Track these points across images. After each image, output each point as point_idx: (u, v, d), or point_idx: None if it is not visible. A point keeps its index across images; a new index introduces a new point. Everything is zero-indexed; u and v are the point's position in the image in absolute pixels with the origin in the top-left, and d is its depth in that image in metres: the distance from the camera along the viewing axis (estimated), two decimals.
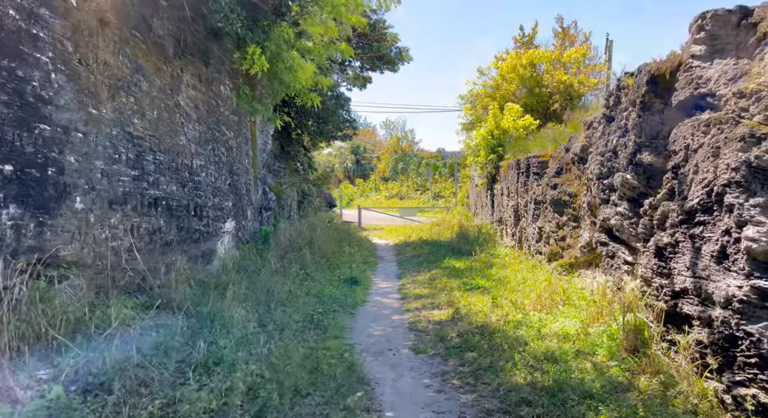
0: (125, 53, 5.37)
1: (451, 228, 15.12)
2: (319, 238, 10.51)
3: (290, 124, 16.04)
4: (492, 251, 11.29)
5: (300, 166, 16.22)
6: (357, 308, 7.15)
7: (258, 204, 10.03)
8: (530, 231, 9.63)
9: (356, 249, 11.68)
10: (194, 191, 6.95)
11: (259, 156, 10.08)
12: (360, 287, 8.41)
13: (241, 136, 8.90)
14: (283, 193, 13.98)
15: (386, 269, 11.05)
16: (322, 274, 8.41)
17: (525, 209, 10.10)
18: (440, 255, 11.56)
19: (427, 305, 7.21)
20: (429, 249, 12.73)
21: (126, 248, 5.38)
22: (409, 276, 9.76)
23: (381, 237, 17.85)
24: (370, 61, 14.46)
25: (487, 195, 14.46)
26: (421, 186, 40.93)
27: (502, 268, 9.30)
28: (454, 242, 12.69)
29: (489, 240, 12.30)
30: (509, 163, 11.68)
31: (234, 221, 8.49)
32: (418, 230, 17.48)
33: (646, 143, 5.06)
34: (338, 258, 9.96)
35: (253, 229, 9.55)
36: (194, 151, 6.97)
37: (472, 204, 18.57)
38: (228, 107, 8.29)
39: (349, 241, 12.57)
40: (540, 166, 9.30)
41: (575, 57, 24.26)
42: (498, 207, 13.13)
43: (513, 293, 7.08)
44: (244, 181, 9.00)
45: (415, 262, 11.45)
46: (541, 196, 8.95)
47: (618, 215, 5.59)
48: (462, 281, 8.37)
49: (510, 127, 13.59)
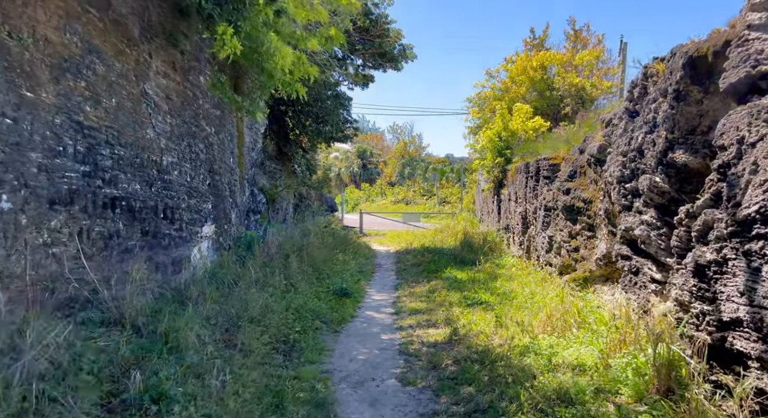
0: (74, 30, 4.67)
1: (455, 235, 14.30)
2: (310, 244, 9.76)
3: (288, 123, 15.37)
4: (498, 261, 10.46)
5: (298, 168, 15.51)
6: (343, 325, 6.36)
7: (245, 207, 9.30)
8: (539, 240, 8.81)
9: (351, 257, 10.90)
10: (164, 191, 6.22)
11: (246, 155, 9.37)
12: (350, 299, 7.63)
13: (224, 133, 8.18)
14: (277, 196, 13.27)
15: (383, 278, 10.26)
16: (309, 285, 7.63)
17: (534, 215, 9.28)
18: (442, 264, 10.75)
19: (423, 323, 6.40)
20: (431, 257, 11.92)
21: (72, 255, 4.66)
22: (406, 287, 8.96)
23: (382, 243, 17.06)
24: (372, 59, 13.74)
25: (494, 201, 13.64)
26: (428, 191, 40.15)
27: (508, 280, 8.48)
28: (458, 250, 11.87)
29: (495, 249, 11.47)
30: (517, 166, 10.88)
31: (214, 224, 7.76)
32: (420, 236, 16.68)
33: (679, 140, 4.25)
34: (330, 267, 9.19)
35: (238, 234, 8.82)
36: (164, 146, 6.25)
37: (478, 210, 17.74)
38: (209, 100, 7.59)
39: (345, 247, 11.80)
40: (551, 169, 8.49)
41: (588, 59, 23.48)
42: (505, 213, 12.31)
43: (519, 311, 6.26)
44: (227, 182, 8.27)
45: (415, 271, 10.65)
46: (552, 202, 8.14)
47: (644, 225, 4.77)
48: (463, 295, 7.55)
49: (519, 128, 12.78)
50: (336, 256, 10.11)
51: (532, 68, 23.96)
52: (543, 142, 11.28)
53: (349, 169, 50.58)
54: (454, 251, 12.11)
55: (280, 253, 8.66)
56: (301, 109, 14.18)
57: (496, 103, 25.09)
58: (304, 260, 8.60)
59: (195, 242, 7.12)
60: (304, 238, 10.16)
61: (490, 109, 25.06)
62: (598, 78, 22.64)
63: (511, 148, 12.43)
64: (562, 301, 5.70)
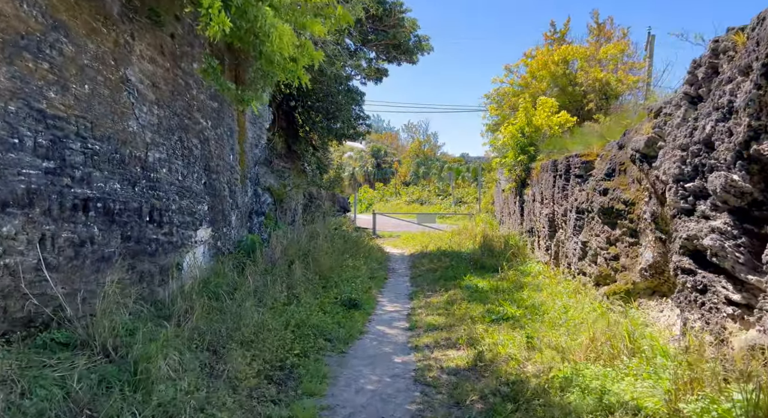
0: (34, 3, 3.98)
1: (474, 238, 13.45)
2: (318, 249, 9.01)
3: (297, 120, 14.69)
4: (522, 268, 9.59)
5: (308, 167, 14.82)
6: (350, 343, 5.60)
7: (247, 208, 8.60)
8: (570, 246, 7.93)
9: (362, 261, 10.13)
10: (149, 191, 5.53)
11: (249, 152, 8.67)
12: (360, 311, 6.86)
13: (223, 127, 7.48)
14: (286, 196, 12.58)
15: (396, 285, 9.47)
16: (314, 295, 6.89)
17: (563, 218, 8.40)
18: (461, 270, 9.92)
19: (441, 342, 5.60)
20: (448, 262, 11.10)
21: (31, 265, 3.97)
22: (422, 297, 8.17)
23: (396, 246, 16.28)
24: (386, 50, 12.96)
25: (516, 201, 12.75)
26: (443, 191, 39.24)
27: (535, 290, 7.62)
28: (477, 254, 11.02)
29: (518, 254, 10.59)
30: (543, 164, 9.99)
31: (211, 228, 7.06)
32: (436, 238, 15.85)
33: (767, 128, 3.38)
34: (339, 273, 8.43)
35: (239, 237, 8.12)
36: (150, 140, 5.55)
37: (498, 211, 16.80)
38: (204, 91, 6.89)
39: (356, 251, 11.03)
40: (584, 167, 7.61)
41: (612, 53, 22.42)
42: (528, 215, 11.42)
43: (553, 331, 5.42)
44: (226, 181, 7.57)
45: (431, 277, 9.84)
46: (585, 203, 7.26)
47: (715, 233, 3.90)
48: (486, 308, 6.73)
49: (543, 124, 11.87)
50: (346, 261, 9.35)
51: (553, 62, 22.99)
52: (571, 138, 10.37)
53: (363, 169, 49.95)
54: (473, 255, 11.26)
55: (284, 258, 7.94)
56: (311, 105, 13.49)
57: (515, 100, 24.19)
58: (310, 266, 7.85)
59: (188, 247, 6.43)
60: (311, 241, 9.43)
61: (509, 106, 24.13)
62: (623, 72, 21.56)
63: (536, 145, 11.54)
64: (608, 323, 4.83)
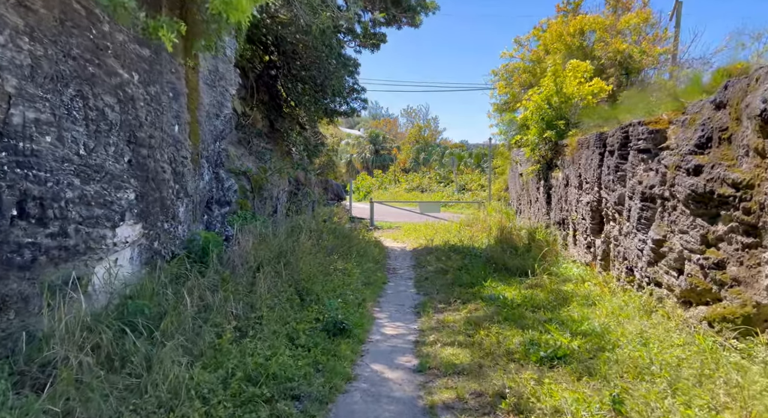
0: None
1: (488, 230, 11.47)
2: (300, 247, 7.04)
3: (280, 92, 12.60)
4: (556, 270, 7.63)
5: (294, 149, 12.76)
6: (330, 402, 3.64)
7: (203, 196, 6.60)
8: (632, 244, 5.95)
9: (356, 262, 8.16)
10: (16, 171, 3.53)
11: (205, 123, 6.63)
12: (349, 340, 4.90)
13: (160, 85, 5.43)
14: (266, 182, 10.56)
15: (398, 294, 7.52)
16: (283, 317, 4.91)
17: (617, 208, 6.41)
18: (478, 272, 7.97)
19: (469, 401, 3.65)
20: (460, 260, 9.15)
21: None
22: (432, 312, 6.22)
23: (396, 239, 14.31)
24: (383, 5, 10.82)
25: (539, 187, 10.73)
26: (445, 178, 37.23)
27: (585, 305, 5.68)
28: (496, 251, 9.05)
29: (545, 249, 8.63)
30: (581, 140, 7.96)
31: (141, 224, 5.06)
32: (442, 230, 13.89)
33: None
34: (324, 282, 6.45)
35: (191, 235, 6.12)
36: (15, 90, 3.54)
37: (513, 199, 14.71)
38: (126, 30, 4.84)
39: (348, 249, 9.05)
40: (651, 138, 5.60)
41: (635, 23, 20.31)
42: (557, 204, 9.42)
43: (645, 384, 3.47)
44: (167, 159, 5.55)
45: (442, 282, 7.88)
46: (658, 187, 5.27)
47: None
48: (527, 337, 4.76)
49: (575, 92, 9.82)
50: (334, 263, 7.36)
51: (568, 34, 20.90)
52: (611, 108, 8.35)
53: (360, 156, 48.07)
54: (489, 252, 9.29)
55: (252, 263, 5.96)
56: (296, 75, 11.40)
57: (526, 76, 22.11)
58: (282, 273, 5.87)
59: (100, 252, 4.44)
60: (291, 238, 7.46)
61: (519, 84, 22.04)
62: (648, 43, 19.44)
63: (566, 119, 9.51)
64: (751, 377, 2.87)
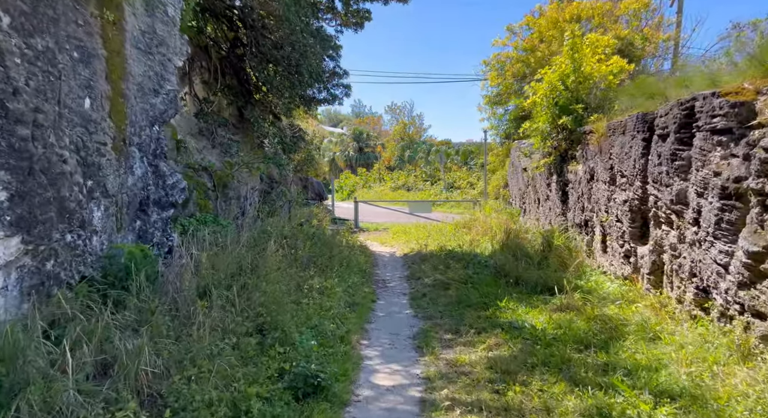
0: None
1: (490, 232, 10.01)
2: (266, 261, 5.44)
3: (250, 76, 10.95)
4: (584, 283, 6.18)
5: (266, 142, 11.12)
6: None
7: (133, 196, 4.96)
8: (706, 257, 4.50)
9: (338, 277, 6.59)
10: None
11: (137, 99, 5.00)
12: (325, 403, 3.35)
13: (56, 39, 3.79)
14: (231, 179, 8.93)
15: (391, 316, 5.98)
16: (231, 373, 3.33)
17: (674, 207, 4.96)
18: (487, 287, 6.49)
19: None
20: (462, 270, 7.65)
21: None
22: (437, 346, 4.69)
23: (384, 242, 12.78)
24: None
25: (551, 183, 9.30)
26: (431, 176, 35.83)
27: (646, 340, 4.22)
28: (505, 260, 7.56)
29: (566, 257, 7.20)
30: (613, 125, 6.52)
31: (21, 236, 3.41)
32: (436, 232, 12.40)
33: None
34: (295, 310, 4.86)
35: (111, 250, 4.48)
36: None
37: (515, 197, 13.23)
38: None
39: (328, 258, 7.47)
40: (734, 113, 4.16)
41: (634, 7, 19.17)
42: (577, 202, 7.98)
43: None
44: (70, 145, 3.91)
45: (444, 300, 6.37)
46: (753, 179, 3.84)
47: None
48: (588, 401, 3.25)
49: (594, 72, 8.41)
50: (309, 281, 5.77)
51: (564, 20, 19.69)
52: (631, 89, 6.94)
53: (344, 154, 46.53)
54: (496, 259, 7.81)
55: (194, 288, 4.35)
56: (267, 53, 9.75)
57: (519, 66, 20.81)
58: (236, 302, 4.26)
59: None
60: (256, 248, 5.86)
61: (512, 74, 20.71)
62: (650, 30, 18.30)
63: (584, 102, 8.10)
64: None
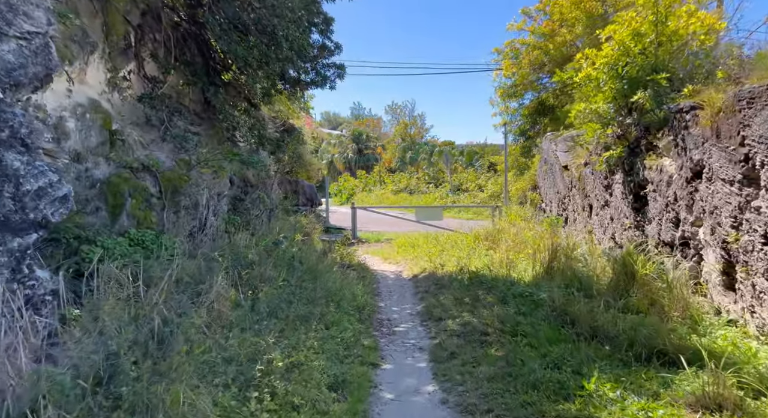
0: None
1: (526, 249, 7.63)
2: (182, 330, 3.08)
3: (216, 50, 8.61)
4: (715, 345, 3.82)
5: (238, 135, 8.76)
6: None
7: None
8: None
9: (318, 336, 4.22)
10: None
11: None
12: None
13: None
14: (186, 183, 6.60)
15: (403, 400, 3.60)
16: None
17: None
18: (549, 342, 4.14)
19: None
20: (498, 307, 5.30)
21: None
22: None
23: (387, 258, 10.41)
24: None
25: (611, 184, 6.88)
26: (434, 178, 33.47)
27: None
28: (568, 296, 5.17)
29: (658, 294, 4.84)
30: (756, 90, 4.17)
31: None
32: (450, 245, 10.05)
33: None
34: None
35: None
36: None
37: (551, 202, 10.68)
38: None
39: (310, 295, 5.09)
40: None
41: None
42: (665, 211, 5.59)
43: None
44: None
45: (487, 371, 3.98)
46: None
47: None
48: None
49: (681, 29, 6.08)
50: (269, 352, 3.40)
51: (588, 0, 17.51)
52: None
53: (342, 155, 44.30)
54: (551, 295, 5.45)
55: None
56: (235, 18, 7.39)
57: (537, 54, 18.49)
58: None
59: None
60: (190, 290, 3.50)
61: (529, 62, 18.39)
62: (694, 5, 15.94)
63: (666, 71, 5.75)
64: None
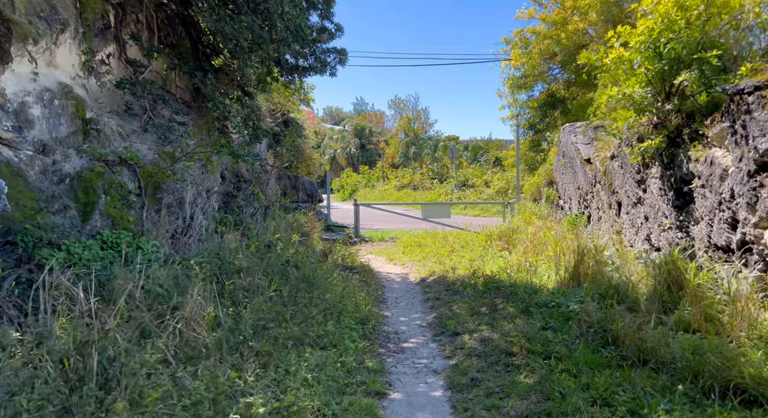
0: None
1: (546, 250, 6.90)
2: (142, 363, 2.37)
3: (204, 32, 7.88)
4: None
5: (230, 125, 8.03)
6: None
7: None
8: None
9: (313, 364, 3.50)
10: None
11: None
12: None
13: None
14: (169, 178, 5.88)
15: None
16: None
17: None
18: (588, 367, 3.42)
19: None
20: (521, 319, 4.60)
21: None
22: None
23: (392, 258, 9.69)
24: None
25: (645, 179, 6.13)
26: (439, 173, 32.68)
27: None
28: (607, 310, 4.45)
29: (713, 307, 4.10)
30: None
31: None
32: (460, 245, 9.32)
33: None
34: None
35: None
36: None
37: (571, 199, 9.86)
38: None
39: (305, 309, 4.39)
40: None
41: None
42: (717, 210, 4.84)
43: None
44: None
45: (518, 405, 3.28)
46: None
47: None
48: None
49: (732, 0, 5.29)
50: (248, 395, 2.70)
51: None
52: None
53: (345, 151, 43.69)
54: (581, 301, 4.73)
55: None
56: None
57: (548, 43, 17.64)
58: None
59: None
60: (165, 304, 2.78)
61: (539, 52, 17.56)
62: None
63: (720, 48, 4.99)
64: None
